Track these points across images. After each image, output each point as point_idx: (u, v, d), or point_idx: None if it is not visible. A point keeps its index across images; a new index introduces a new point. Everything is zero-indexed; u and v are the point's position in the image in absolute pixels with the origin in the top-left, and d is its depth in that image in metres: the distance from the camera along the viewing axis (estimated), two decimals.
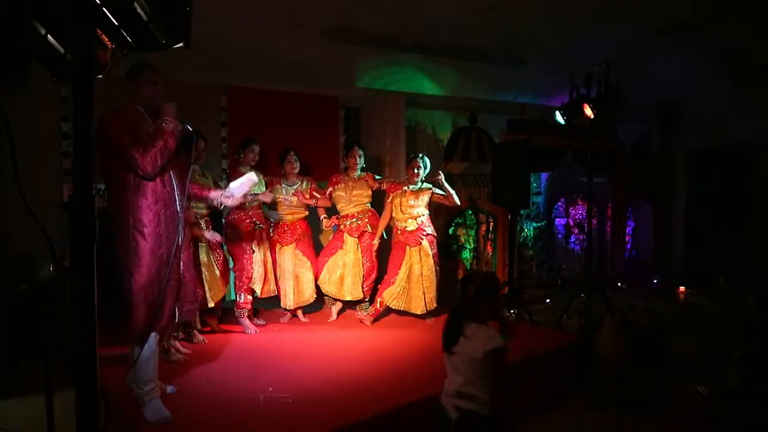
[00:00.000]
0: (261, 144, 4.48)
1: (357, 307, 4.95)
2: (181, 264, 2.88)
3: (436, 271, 4.73)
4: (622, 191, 7.60)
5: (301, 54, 5.00)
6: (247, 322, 4.42)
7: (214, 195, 3.26)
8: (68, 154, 4.43)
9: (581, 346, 4.33)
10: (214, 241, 4.13)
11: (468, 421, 2.23)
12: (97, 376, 1.38)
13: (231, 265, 4.43)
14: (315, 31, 4.71)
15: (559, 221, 7.78)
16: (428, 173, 4.74)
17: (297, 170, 4.73)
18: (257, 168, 4.57)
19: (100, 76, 1.65)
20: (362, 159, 4.87)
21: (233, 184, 3.29)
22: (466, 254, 6.36)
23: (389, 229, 4.88)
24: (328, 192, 4.85)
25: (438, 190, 4.72)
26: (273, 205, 4.66)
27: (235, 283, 4.42)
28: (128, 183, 2.65)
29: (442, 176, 4.67)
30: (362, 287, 4.82)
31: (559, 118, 5.05)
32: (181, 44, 1.67)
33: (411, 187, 4.70)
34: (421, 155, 4.75)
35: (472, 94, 6.54)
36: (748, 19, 4.98)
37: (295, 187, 4.70)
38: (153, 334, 2.75)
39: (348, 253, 4.80)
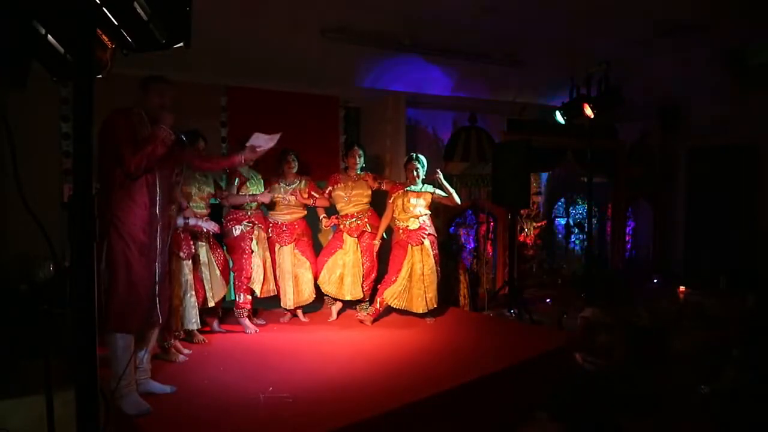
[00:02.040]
0: None
1: (357, 307, 4.95)
2: (157, 266, 2.90)
3: (436, 271, 4.73)
4: (622, 191, 7.60)
5: (301, 54, 4.99)
6: (246, 322, 4.42)
7: (239, 158, 3.52)
8: (68, 154, 4.43)
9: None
10: (213, 230, 4.10)
11: None
12: (97, 376, 1.38)
13: (231, 264, 4.43)
14: (315, 31, 4.71)
15: (559, 221, 7.78)
16: (427, 171, 4.74)
17: (295, 170, 4.73)
18: (256, 168, 4.57)
19: (100, 76, 1.65)
20: (362, 159, 4.87)
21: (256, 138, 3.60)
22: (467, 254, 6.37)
23: (389, 228, 4.88)
24: (327, 191, 4.85)
25: (439, 191, 4.72)
26: (271, 206, 4.66)
27: (234, 283, 4.42)
28: (116, 179, 2.76)
29: (440, 175, 4.67)
30: (362, 287, 4.82)
31: (559, 118, 5.05)
32: (181, 44, 1.67)
33: (412, 187, 4.71)
34: (415, 155, 4.75)
35: (472, 94, 6.54)
36: (748, 19, 4.97)
37: (293, 186, 4.70)
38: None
39: (347, 252, 4.80)
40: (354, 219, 4.81)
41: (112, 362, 2.81)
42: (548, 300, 6.54)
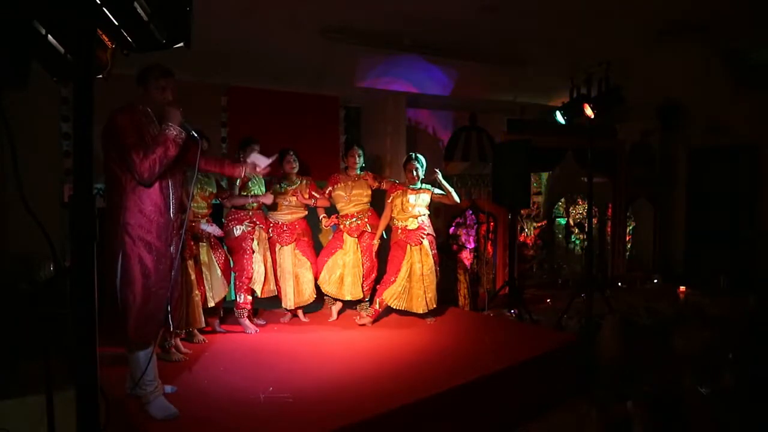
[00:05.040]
0: (261, 144, 4.47)
1: (357, 307, 4.95)
2: (172, 273, 2.80)
3: (435, 271, 4.73)
4: (622, 191, 7.60)
5: (301, 54, 5.00)
6: (247, 322, 4.42)
7: (239, 171, 3.29)
8: (68, 154, 4.43)
9: (581, 346, 4.33)
10: (215, 234, 4.13)
11: None
12: (97, 376, 1.38)
13: (231, 264, 4.43)
14: (315, 31, 4.71)
15: (559, 221, 7.78)
16: (426, 170, 4.74)
17: (296, 170, 4.72)
18: None
19: (100, 76, 1.65)
20: (362, 158, 4.87)
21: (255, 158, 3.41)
22: (467, 254, 6.36)
23: (388, 228, 4.88)
24: (327, 191, 4.85)
25: (437, 190, 4.72)
26: (272, 206, 4.66)
27: (235, 283, 4.42)
28: (125, 183, 2.61)
29: (439, 174, 4.66)
30: (362, 287, 4.82)
31: (560, 117, 5.05)
32: (181, 44, 1.67)
33: (411, 186, 4.71)
34: (415, 155, 4.75)
35: (472, 94, 6.54)
36: (748, 19, 4.98)
37: (293, 186, 4.70)
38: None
39: (348, 252, 4.80)
40: (354, 219, 4.81)
41: (132, 367, 2.78)
42: (548, 300, 6.54)
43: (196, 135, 2.73)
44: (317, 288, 4.81)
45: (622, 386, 3.87)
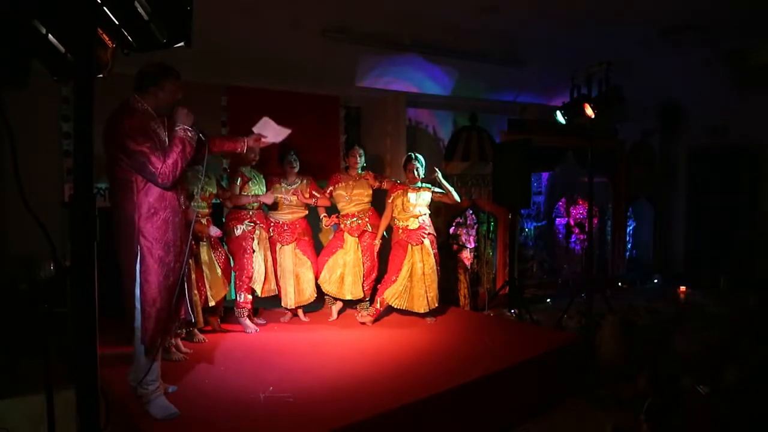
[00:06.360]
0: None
1: (357, 307, 4.95)
2: (185, 269, 2.81)
3: (437, 270, 4.73)
4: (622, 191, 7.60)
5: (302, 54, 4.99)
6: (247, 321, 4.42)
7: (241, 145, 3.27)
8: (69, 153, 4.43)
9: (581, 346, 4.33)
10: (215, 236, 4.14)
11: None
12: (97, 376, 1.38)
13: (232, 264, 4.43)
14: (315, 31, 4.70)
15: (560, 221, 7.78)
16: (426, 170, 4.75)
17: (297, 170, 4.72)
18: (257, 168, 4.57)
19: (101, 75, 1.65)
20: (363, 158, 4.87)
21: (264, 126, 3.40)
22: (467, 254, 6.36)
23: (389, 228, 4.89)
24: (328, 191, 4.85)
25: (437, 189, 4.73)
26: (274, 206, 4.65)
27: (235, 282, 4.42)
28: (135, 185, 2.58)
29: (439, 174, 4.67)
30: (362, 286, 4.82)
31: (560, 117, 5.05)
32: (181, 44, 1.67)
33: (412, 186, 4.71)
34: (414, 155, 4.75)
35: (472, 94, 6.54)
36: (748, 19, 4.98)
37: (294, 186, 4.70)
38: None
39: (348, 252, 4.80)
40: (355, 218, 4.81)
41: (136, 365, 2.78)
42: (548, 300, 6.54)
43: (203, 137, 2.78)
44: (318, 287, 4.82)
45: (621, 386, 3.87)
